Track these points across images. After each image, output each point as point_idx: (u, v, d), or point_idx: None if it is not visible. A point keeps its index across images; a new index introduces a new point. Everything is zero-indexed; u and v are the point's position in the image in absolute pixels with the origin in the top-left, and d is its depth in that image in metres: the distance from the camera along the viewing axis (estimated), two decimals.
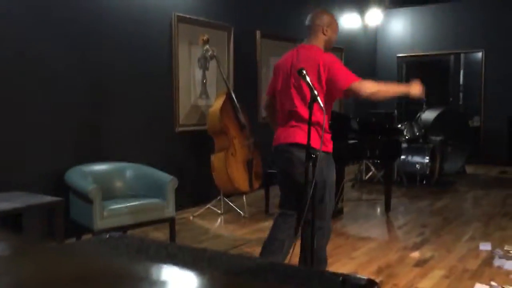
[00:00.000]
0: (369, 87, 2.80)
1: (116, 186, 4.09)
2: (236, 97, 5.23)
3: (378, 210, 5.57)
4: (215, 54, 5.29)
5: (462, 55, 10.09)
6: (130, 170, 4.20)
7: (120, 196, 4.00)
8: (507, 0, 8.59)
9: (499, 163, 8.38)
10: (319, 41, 2.97)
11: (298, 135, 2.85)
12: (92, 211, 3.53)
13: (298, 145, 2.83)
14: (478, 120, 9.01)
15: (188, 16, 5.43)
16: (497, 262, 3.64)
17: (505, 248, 3.96)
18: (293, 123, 2.92)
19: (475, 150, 8.32)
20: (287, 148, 2.91)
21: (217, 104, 5.16)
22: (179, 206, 5.11)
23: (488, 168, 8.32)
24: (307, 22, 3.03)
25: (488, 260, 3.72)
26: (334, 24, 3.02)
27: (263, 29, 6.62)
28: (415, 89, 2.92)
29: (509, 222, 4.86)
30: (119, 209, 3.69)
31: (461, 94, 9.97)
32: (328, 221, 3.02)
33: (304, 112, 2.82)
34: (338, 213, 5.16)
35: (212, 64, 5.70)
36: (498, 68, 8.65)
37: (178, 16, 5.29)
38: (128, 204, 3.77)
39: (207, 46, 5.17)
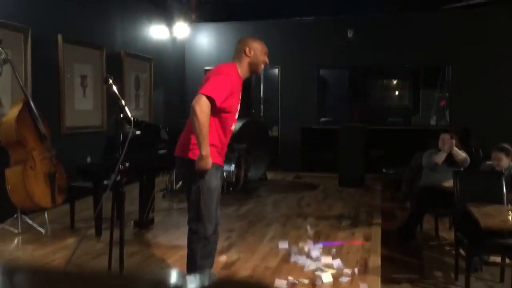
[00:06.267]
0: (200, 107, 2.91)
1: None
2: (35, 105, 4.81)
3: None
4: (9, 57, 4.79)
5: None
6: None
7: None
8: (300, 24, 9.67)
9: (294, 169, 9.35)
10: (241, 61, 3.30)
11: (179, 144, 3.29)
12: None
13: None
14: (276, 130, 9.91)
15: None
16: (293, 258, 4.05)
17: (299, 245, 4.43)
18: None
19: (274, 157, 9.12)
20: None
21: (12, 112, 4.68)
22: None
23: (285, 174, 9.20)
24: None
25: (286, 257, 4.11)
26: (258, 47, 3.31)
27: (65, 34, 6.23)
28: (202, 166, 2.96)
29: (303, 222, 5.44)
30: None
31: (261, 106, 10.83)
32: (204, 225, 3.11)
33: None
34: (149, 223, 5.13)
35: (6, 68, 5.15)
36: (292, 83, 9.65)
37: None
38: None
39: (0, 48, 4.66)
